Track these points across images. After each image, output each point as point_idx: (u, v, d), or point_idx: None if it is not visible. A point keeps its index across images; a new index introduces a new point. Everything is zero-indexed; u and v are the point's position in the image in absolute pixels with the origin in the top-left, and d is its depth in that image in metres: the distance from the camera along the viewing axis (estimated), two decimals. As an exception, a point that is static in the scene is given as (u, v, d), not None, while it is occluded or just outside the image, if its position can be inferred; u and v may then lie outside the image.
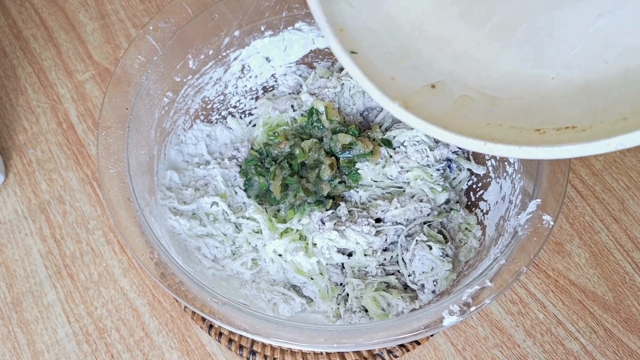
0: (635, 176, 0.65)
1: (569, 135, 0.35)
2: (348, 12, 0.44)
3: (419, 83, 0.43)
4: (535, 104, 0.39)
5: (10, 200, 0.64)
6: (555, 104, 0.39)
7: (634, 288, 0.59)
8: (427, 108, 0.41)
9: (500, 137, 0.37)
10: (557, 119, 0.37)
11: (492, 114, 0.40)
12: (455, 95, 0.42)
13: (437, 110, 0.41)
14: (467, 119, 0.40)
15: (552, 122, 0.37)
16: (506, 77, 0.42)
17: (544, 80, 0.40)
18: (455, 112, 0.41)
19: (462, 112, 0.41)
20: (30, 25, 0.75)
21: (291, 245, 0.53)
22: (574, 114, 0.37)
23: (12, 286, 0.59)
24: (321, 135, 0.59)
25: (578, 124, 0.35)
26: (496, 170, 0.56)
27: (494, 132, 0.38)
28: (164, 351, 0.56)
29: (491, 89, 0.42)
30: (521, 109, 0.40)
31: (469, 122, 0.40)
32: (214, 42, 0.57)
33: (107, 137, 0.48)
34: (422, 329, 0.40)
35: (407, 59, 0.44)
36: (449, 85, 0.43)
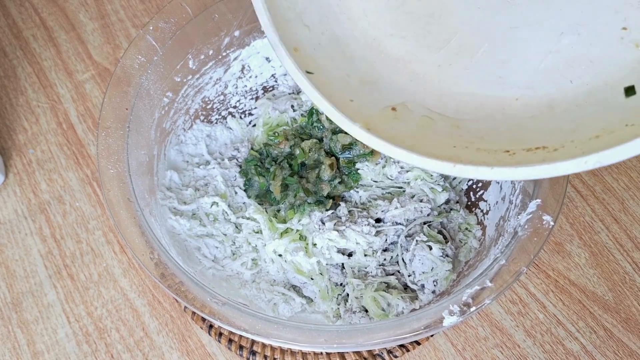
0: (635, 176, 0.65)
1: (541, 156, 0.34)
2: (302, 32, 0.42)
3: (379, 105, 0.41)
4: (501, 126, 0.38)
5: (10, 200, 0.64)
6: (522, 125, 0.37)
7: (634, 288, 0.59)
8: (389, 131, 0.39)
9: (469, 159, 0.36)
10: (526, 140, 0.36)
11: (457, 137, 0.39)
12: (417, 117, 0.41)
13: (400, 133, 0.39)
14: (431, 142, 0.39)
15: (521, 143, 0.36)
16: (468, 98, 0.40)
17: (508, 101, 0.39)
18: (419, 134, 0.39)
19: (426, 134, 0.39)
20: (30, 25, 0.75)
21: (291, 246, 0.53)
22: (542, 134, 0.36)
23: (12, 286, 0.59)
24: (321, 136, 0.59)
25: (548, 144, 0.34)
26: (496, 171, 0.55)
27: (462, 154, 0.37)
28: (164, 351, 0.56)
29: (454, 111, 0.40)
30: (487, 130, 0.38)
31: (434, 144, 0.38)
32: (214, 42, 0.57)
33: (107, 137, 0.48)
34: (422, 329, 0.40)
35: (365, 80, 0.43)
36: (410, 107, 0.41)
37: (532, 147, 0.35)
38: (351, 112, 0.39)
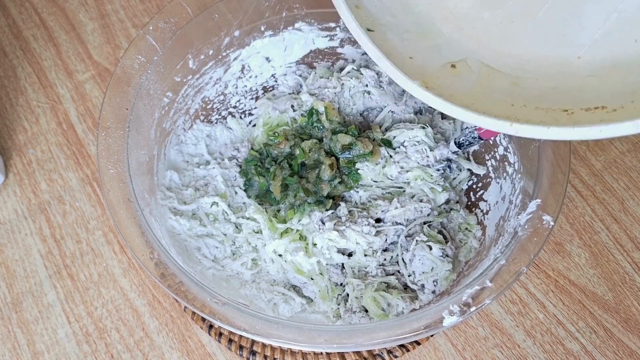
0: (635, 176, 0.65)
1: (599, 116, 0.33)
2: None
3: (439, 62, 0.41)
4: (561, 84, 0.38)
5: (10, 200, 0.64)
6: (583, 84, 0.37)
7: (634, 288, 0.59)
8: (447, 88, 0.39)
9: (526, 117, 0.35)
10: (585, 99, 0.35)
11: (516, 95, 0.38)
12: (476, 75, 0.41)
13: (459, 90, 0.39)
14: (489, 100, 0.38)
15: (580, 102, 0.35)
16: (529, 56, 0.40)
17: (570, 59, 0.38)
18: (477, 92, 0.39)
19: (484, 92, 0.39)
20: (30, 25, 0.75)
21: (291, 246, 0.53)
22: (602, 94, 0.35)
23: (12, 286, 0.59)
24: (321, 136, 0.59)
25: (608, 104, 0.34)
26: (496, 171, 0.56)
27: (519, 113, 0.36)
28: (164, 351, 0.56)
29: (513, 68, 0.40)
30: (546, 89, 0.38)
31: (492, 102, 0.38)
32: (214, 42, 0.57)
33: (107, 137, 0.48)
34: (422, 329, 0.40)
35: (426, 38, 0.43)
36: (469, 64, 0.41)
37: (592, 106, 0.34)
38: (410, 69, 0.39)
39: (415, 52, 0.42)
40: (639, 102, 0.33)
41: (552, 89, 0.38)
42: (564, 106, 0.36)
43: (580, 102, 0.35)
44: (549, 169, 0.46)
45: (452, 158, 0.57)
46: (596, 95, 0.35)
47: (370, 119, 0.63)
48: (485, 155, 0.58)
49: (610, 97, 0.34)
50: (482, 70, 0.41)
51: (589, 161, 0.66)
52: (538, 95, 0.38)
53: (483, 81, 0.40)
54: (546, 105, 0.36)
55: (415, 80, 0.39)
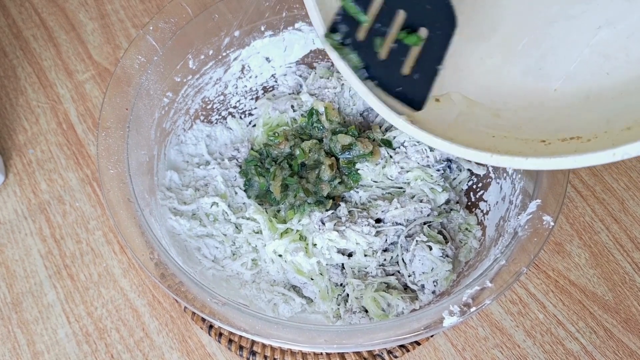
0: (635, 176, 0.65)
1: (574, 146, 0.36)
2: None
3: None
4: (538, 116, 0.40)
5: (10, 200, 0.64)
6: (559, 115, 0.39)
7: (634, 288, 0.59)
8: (432, 122, 0.41)
9: (506, 148, 0.38)
10: (561, 130, 0.37)
11: (497, 126, 0.41)
12: (459, 108, 0.43)
13: (442, 123, 0.41)
14: (472, 132, 0.41)
15: (557, 133, 0.37)
16: (509, 90, 0.42)
17: (547, 92, 0.40)
18: (460, 125, 0.41)
19: (467, 125, 0.41)
20: (30, 25, 0.75)
21: (291, 246, 0.53)
22: (577, 125, 0.37)
23: (12, 286, 0.59)
24: (321, 136, 0.59)
25: (582, 134, 0.36)
26: (496, 171, 0.56)
27: (500, 144, 0.39)
28: (164, 351, 0.56)
29: (494, 101, 0.42)
30: (525, 120, 0.40)
31: (474, 134, 0.40)
32: (214, 42, 0.57)
33: (107, 138, 0.48)
34: (422, 330, 0.40)
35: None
36: (452, 98, 0.44)
37: (567, 137, 0.37)
38: (396, 104, 0.42)
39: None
40: (611, 132, 0.35)
41: (530, 120, 0.40)
42: (542, 137, 0.38)
43: (557, 133, 0.38)
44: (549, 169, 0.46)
45: (452, 158, 0.57)
46: (572, 126, 0.38)
47: (370, 119, 0.63)
48: (485, 155, 0.58)
49: (585, 127, 0.37)
50: (464, 103, 0.43)
51: (589, 161, 0.66)
52: (518, 126, 0.40)
53: (465, 113, 0.43)
54: (525, 136, 0.39)
55: (401, 115, 0.41)
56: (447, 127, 0.41)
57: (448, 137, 0.39)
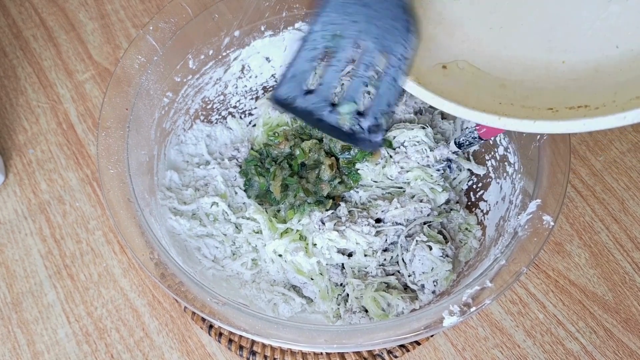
0: (635, 176, 0.65)
1: (583, 112, 0.36)
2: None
3: (431, 62, 0.44)
4: (546, 86, 0.40)
5: (10, 200, 0.64)
6: (567, 86, 0.39)
7: (634, 288, 0.59)
8: (439, 86, 0.42)
9: (514, 114, 0.38)
10: (569, 99, 0.38)
11: (503, 95, 0.41)
12: (466, 76, 0.43)
13: (449, 88, 0.42)
14: (478, 98, 0.41)
15: (564, 101, 0.38)
16: (517, 60, 0.42)
17: (555, 64, 0.40)
18: (467, 91, 0.42)
19: (474, 91, 0.42)
20: (30, 25, 0.75)
21: (291, 246, 0.53)
22: (586, 94, 0.37)
23: (12, 286, 0.59)
24: (321, 136, 0.59)
25: (590, 103, 0.36)
26: (496, 171, 0.55)
27: (507, 110, 0.39)
28: (164, 351, 0.56)
29: (501, 71, 0.42)
30: (532, 90, 0.40)
31: (481, 100, 0.41)
32: (214, 42, 0.57)
33: (107, 137, 0.48)
34: (422, 330, 0.40)
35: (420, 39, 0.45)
36: (460, 66, 0.44)
37: (575, 105, 0.37)
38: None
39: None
40: (620, 100, 0.35)
41: (537, 90, 0.40)
42: (549, 105, 0.38)
43: (565, 101, 0.38)
44: (549, 169, 0.46)
45: (452, 158, 0.57)
46: (580, 95, 0.38)
47: (370, 119, 0.63)
48: (485, 155, 0.58)
49: (593, 97, 0.37)
50: (471, 72, 0.43)
51: (589, 161, 0.66)
52: (525, 96, 0.40)
53: (472, 82, 0.43)
54: (532, 104, 0.39)
55: (408, 76, 0.42)
56: (454, 93, 0.41)
57: (455, 100, 0.40)
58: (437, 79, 0.43)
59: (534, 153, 0.48)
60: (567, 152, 0.47)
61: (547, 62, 0.41)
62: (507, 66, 0.42)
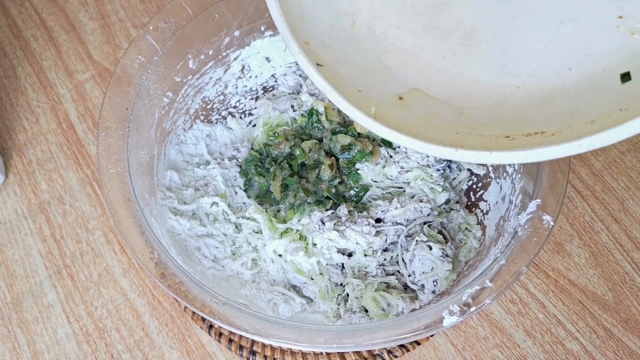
0: (635, 176, 0.65)
1: (539, 140, 0.35)
2: (312, 27, 0.44)
3: (386, 95, 0.43)
4: (502, 112, 0.40)
5: (10, 200, 0.64)
6: (522, 111, 0.39)
7: (634, 288, 0.59)
8: (396, 119, 0.41)
9: (471, 144, 0.38)
10: (525, 126, 0.37)
11: (461, 123, 0.40)
12: (422, 106, 0.43)
13: (406, 121, 0.41)
14: (436, 129, 0.41)
15: (521, 128, 0.37)
16: (472, 87, 0.42)
17: (510, 89, 0.40)
18: (424, 122, 0.41)
19: (431, 122, 0.41)
20: (30, 25, 0.75)
21: (291, 245, 0.53)
22: (541, 120, 0.37)
23: (12, 286, 0.59)
24: (321, 136, 0.59)
25: (546, 129, 0.36)
26: (496, 171, 0.56)
27: (464, 140, 0.39)
28: (164, 351, 0.56)
29: (458, 99, 0.42)
30: (489, 117, 0.40)
31: (438, 131, 0.40)
32: (214, 42, 0.57)
33: (107, 137, 0.48)
34: (422, 329, 0.40)
35: (373, 72, 0.45)
36: (416, 96, 0.43)
37: (532, 132, 0.36)
38: (360, 101, 0.41)
39: (363, 86, 0.43)
40: (576, 126, 0.35)
41: (494, 117, 0.40)
42: (506, 133, 0.38)
43: (521, 128, 0.38)
44: (548, 169, 0.46)
45: (452, 158, 0.57)
46: (536, 122, 0.37)
47: (370, 119, 0.63)
48: (485, 155, 0.58)
49: (549, 122, 0.37)
50: (428, 102, 0.43)
51: (589, 161, 0.66)
52: (482, 123, 0.40)
53: (429, 112, 0.42)
54: (489, 133, 0.39)
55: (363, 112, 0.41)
56: (411, 125, 0.41)
57: (412, 134, 0.39)
58: (393, 112, 0.42)
59: (534, 153, 0.48)
60: (567, 152, 0.47)
61: (501, 88, 0.41)
62: (464, 93, 0.42)
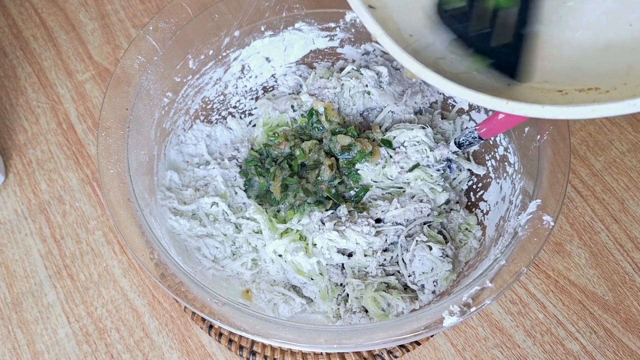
0: (635, 176, 0.65)
1: (593, 96, 0.34)
2: None
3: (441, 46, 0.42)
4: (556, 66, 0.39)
5: (10, 200, 0.64)
6: (577, 65, 0.38)
7: (634, 288, 0.59)
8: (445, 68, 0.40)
9: (522, 97, 0.36)
10: (580, 81, 0.36)
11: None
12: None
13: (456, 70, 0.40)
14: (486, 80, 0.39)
15: (574, 83, 0.36)
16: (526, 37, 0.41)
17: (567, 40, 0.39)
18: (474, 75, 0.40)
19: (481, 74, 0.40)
20: (30, 25, 0.75)
21: (291, 246, 0.53)
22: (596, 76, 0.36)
23: (12, 286, 0.59)
24: (321, 136, 0.59)
25: (601, 85, 0.35)
26: (496, 171, 0.56)
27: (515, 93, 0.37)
28: (164, 351, 0.56)
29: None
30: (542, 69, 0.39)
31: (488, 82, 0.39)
32: (214, 42, 0.57)
33: (107, 137, 0.48)
34: (422, 330, 0.40)
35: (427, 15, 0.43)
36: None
37: (585, 87, 0.35)
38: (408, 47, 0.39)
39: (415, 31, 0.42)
40: (632, 84, 0.34)
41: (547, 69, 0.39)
42: (559, 87, 0.37)
43: (575, 83, 0.36)
44: (549, 169, 0.46)
45: (452, 158, 0.57)
46: (590, 77, 0.36)
47: (370, 119, 0.63)
48: (485, 155, 0.58)
49: (604, 78, 0.35)
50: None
51: (589, 161, 0.66)
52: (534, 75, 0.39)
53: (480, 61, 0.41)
54: (541, 86, 0.37)
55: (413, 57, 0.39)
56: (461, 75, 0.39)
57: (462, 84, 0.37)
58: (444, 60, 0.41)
59: (534, 153, 0.48)
60: (567, 152, 0.47)
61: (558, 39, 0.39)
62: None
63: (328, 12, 0.60)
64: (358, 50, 0.64)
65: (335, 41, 0.63)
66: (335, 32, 0.62)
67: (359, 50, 0.64)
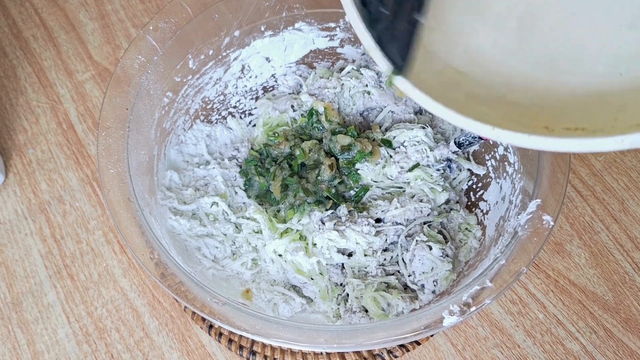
0: (635, 176, 0.65)
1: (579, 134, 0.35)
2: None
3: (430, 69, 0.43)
4: (544, 106, 0.39)
5: (10, 200, 0.64)
6: (565, 108, 0.38)
7: (634, 288, 0.59)
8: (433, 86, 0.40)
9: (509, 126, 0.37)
10: (567, 121, 0.37)
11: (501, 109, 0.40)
12: (465, 88, 0.42)
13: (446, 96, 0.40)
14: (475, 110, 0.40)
15: (561, 122, 0.37)
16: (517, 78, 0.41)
17: (556, 85, 0.40)
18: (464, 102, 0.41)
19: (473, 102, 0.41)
20: (30, 25, 0.75)
21: (291, 245, 0.53)
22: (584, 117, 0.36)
23: (12, 286, 0.59)
24: (321, 136, 0.59)
25: (588, 126, 0.35)
26: (496, 171, 0.56)
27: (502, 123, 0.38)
28: (164, 351, 0.56)
29: (501, 86, 0.42)
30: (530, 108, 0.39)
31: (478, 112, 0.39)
32: (214, 42, 0.57)
33: (107, 137, 0.48)
34: (422, 329, 0.40)
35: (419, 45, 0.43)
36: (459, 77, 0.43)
37: (572, 127, 0.36)
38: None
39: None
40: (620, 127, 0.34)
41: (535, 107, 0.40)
42: (546, 124, 0.37)
43: (562, 122, 0.37)
44: (549, 169, 0.46)
45: (452, 158, 0.57)
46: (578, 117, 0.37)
47: (370, 119, 0.63)
48: (485, 155, 0.58)
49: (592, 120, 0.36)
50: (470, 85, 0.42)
51: (589, 161, 0.66)
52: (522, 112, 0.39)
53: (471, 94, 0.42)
54: (528, 122, 0.38)
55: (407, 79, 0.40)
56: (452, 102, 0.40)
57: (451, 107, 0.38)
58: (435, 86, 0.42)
59: (534, 153, 0.48)
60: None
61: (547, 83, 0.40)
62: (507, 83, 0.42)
63: (328, 12, 0.60)
64: (358, 50, 0.64)
65: (335, 41, 0.63)
66: (335, 32, 0.62)
67: (359, 50, 0.64)
